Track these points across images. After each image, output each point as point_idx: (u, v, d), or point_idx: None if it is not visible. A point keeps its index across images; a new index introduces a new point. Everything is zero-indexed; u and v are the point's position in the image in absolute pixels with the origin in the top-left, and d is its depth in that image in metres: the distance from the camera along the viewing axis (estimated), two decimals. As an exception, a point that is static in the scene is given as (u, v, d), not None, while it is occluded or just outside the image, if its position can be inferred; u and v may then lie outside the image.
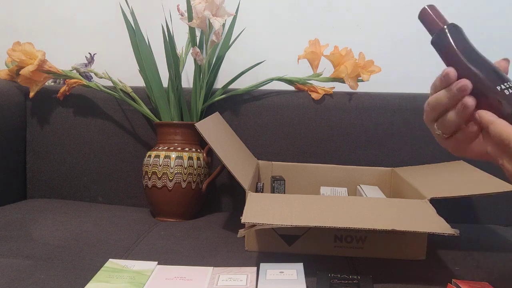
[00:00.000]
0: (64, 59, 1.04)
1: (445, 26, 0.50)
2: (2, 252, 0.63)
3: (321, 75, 0.97)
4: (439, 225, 0.57)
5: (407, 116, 0.95)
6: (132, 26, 0.90)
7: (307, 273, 0.57)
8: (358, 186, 0.89)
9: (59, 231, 0.73)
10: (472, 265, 0.65)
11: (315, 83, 0.98)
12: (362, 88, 0.95)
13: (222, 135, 0.85)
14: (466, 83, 0.45)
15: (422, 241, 0.67)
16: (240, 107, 0.98)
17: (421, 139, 0.94)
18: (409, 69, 1.07)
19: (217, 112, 0.94)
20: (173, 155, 0.86)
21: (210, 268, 0.60)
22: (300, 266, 0.59)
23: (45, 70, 0.90)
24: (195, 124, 0.72)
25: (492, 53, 1.08)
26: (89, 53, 1.05)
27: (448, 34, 0.50)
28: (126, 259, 0.64)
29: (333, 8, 1.08)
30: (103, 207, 0.93)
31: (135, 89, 0.98)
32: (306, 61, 0.97)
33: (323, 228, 0.56)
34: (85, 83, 0.94)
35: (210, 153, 0.90)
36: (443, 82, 0.47)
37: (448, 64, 0.48)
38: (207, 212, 0.94)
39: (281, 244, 0.69)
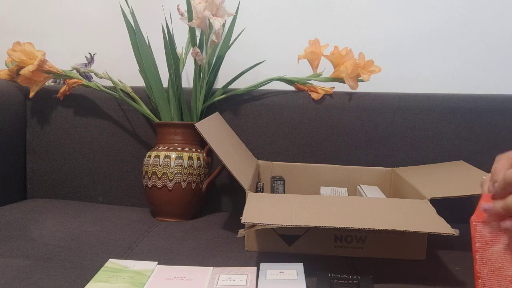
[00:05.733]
0: (64, 59, 1.04)
1: None
2: (2, 252, 0.63)
3: (321, 75, 0.97)
4: (439, 225, 0.57)
5: (407, 116, 0.95)
6: (132, 26, 0.90)
7: (307, 273, 0.57)
8: (358, 186, 0.89)
9: (59, 231, 0.73)
10: (472, 265, 0.64)
11: (315, 83, 0.98)
12: (362, 88, 0.95)
13: (222, 135, 0.85)
14: None
15: (422, 241, 0.67)
16: (240, 107, 0.98)
17: (421, 139, 0.94)
18: (409, 69, 1.07)
19: (217, 112, 0.94)
20: (173, 155, 0.86)
21: (210, 268, 0.60)
22: (300, 266, 0.59)
23: (45, 70, 0.90)
24: (195, 124, 0.72)
25: (492, 53, 1.09)
26: (89, 53, 1.05)
27: None
28: (126, 259, 0.64)
29: (333, 8, 1.08)
30: (103, 207, 0.93)
31: (135, 89, 0.98)
32: (306, 61, 0.97)
33: (323, 228, 0.56)
34: (85, 83, 0.94)
35: (210, 153, 0.90)
36: None
37: None
38: (207, 212, 0.94)
39: (281, 244, 0.69)
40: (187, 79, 1.10)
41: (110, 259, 0.61)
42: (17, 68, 0.90)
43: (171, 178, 0.85)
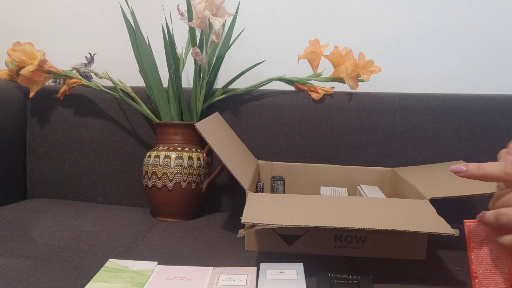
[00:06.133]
0: (64, 59, 1.04)
1: None
2: (2, 252, 0.63)
3: (321, 75, 0.97)
4: (439, 225, 0.57)
5: (407, 116, 0.95)
6: (132, 26, 0.90)
7: (307, 273, 0.57)
8: (358, 186, 0.89)
9: (59, 231, 0.73)
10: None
11: (315, 83, 0.98)
12: (362, 88, 0.95)
13: (222, 135, 0.85)
14: None
15: (422, 241, 0.67)
16: (240, 107, 0.98)
17: (421, 139, 0.94)
18: (409, 69, 1.07)
19: (217, 112, 0.94)
20: (173, 155, 0.86)
21: (210, 268, 0.60)
22: (300, 266, 0.59)
23: (45, 70, 0.90)
24: (195, 124, 0.72)
25: (492, 53, 1.09)
26: (89, 53, 1.05)
27: None
28: (126, 259, 0.64)
29: (333, 8, 1.08)
30: (103, 207, 0.93)
31: (135, 89, 0.98)
32: (306, 61, 0.97)
33: (323, 228, 0.56)
34: (85, 83, 0.94)
35: (210, 153, 0.90)
36: None
37: None
38: (207, 212, 0.94)
39: (281, 244, 0.69)
40: (187, 79, 1.10)
41: (110, 259, 0.61)
42: (17, 68, 0.90)
43: (171, 178, 0.85)
